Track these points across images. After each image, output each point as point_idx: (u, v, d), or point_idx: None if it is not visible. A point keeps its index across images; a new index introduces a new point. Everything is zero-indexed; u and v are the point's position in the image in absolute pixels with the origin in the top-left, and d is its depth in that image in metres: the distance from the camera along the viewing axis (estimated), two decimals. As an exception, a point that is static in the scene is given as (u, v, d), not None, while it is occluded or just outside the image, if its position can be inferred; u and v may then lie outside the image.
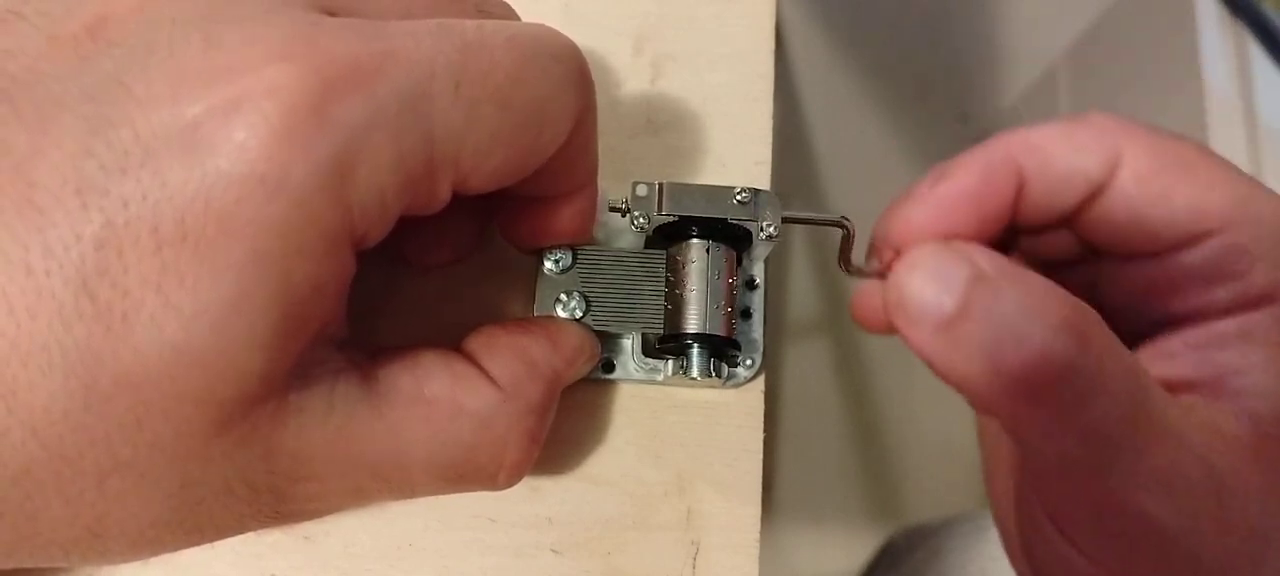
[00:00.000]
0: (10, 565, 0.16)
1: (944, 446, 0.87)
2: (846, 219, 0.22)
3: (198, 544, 0.17)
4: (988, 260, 0.18)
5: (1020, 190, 0.20)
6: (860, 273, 0.22)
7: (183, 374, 0.14)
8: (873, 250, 0.22)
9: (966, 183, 0.20)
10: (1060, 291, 0.17)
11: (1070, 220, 0.20)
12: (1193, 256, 0.19)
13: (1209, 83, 0.57)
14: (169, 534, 0.17)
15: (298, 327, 0.16)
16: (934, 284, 0.18)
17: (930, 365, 0.18)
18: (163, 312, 0.14)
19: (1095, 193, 0.19)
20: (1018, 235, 0.22)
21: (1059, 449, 0.17)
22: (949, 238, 0.19)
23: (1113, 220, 0.19)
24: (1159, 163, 0.19)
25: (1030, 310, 0.17)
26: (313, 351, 0.17)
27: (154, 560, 0.22)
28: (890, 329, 0.20)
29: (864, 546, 0.63)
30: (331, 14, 0.16)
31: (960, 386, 0.18)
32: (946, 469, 0.87)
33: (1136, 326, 0.20)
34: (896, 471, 0.89)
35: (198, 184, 0.14)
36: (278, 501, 0.17)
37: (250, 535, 0.23)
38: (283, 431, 0.16)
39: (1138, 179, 0.19)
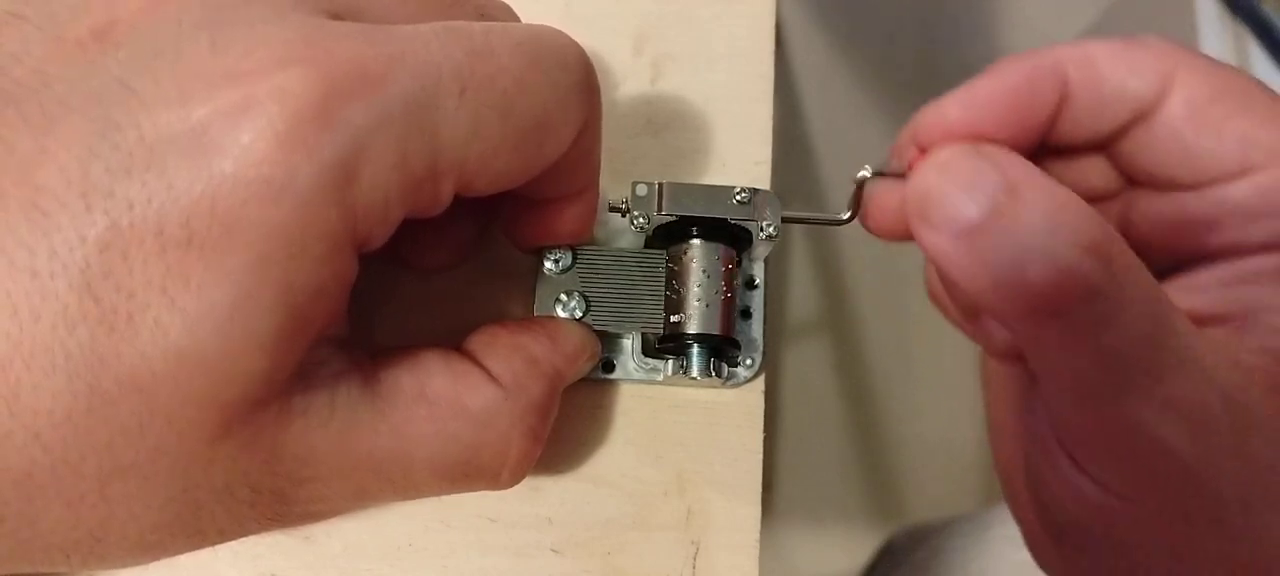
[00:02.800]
0: (11, 569, 0.16)
1: (944, 446, 0.87)
2: (846, 219, 0.22)
3: (200, 547, 0.18)
4: (1018, 169, 0.17)
5: (1063, 102, 0.19)
6: (881, 174, 0.21)
7: (186, 376, 0.14)
8: (898, 149, 0.21)
9: (1008, 83, 0.19)
10: (1088, 209, 0.16)
11: (1109, 144, 0.20)
12: (1236, 190, 0.18)
13: (1209, 82, 0.57)
14: (171, 537, 0.17)
15: (301, 330, 0.16)
16: (960, 188, 0.17)
17: (945, 272, 0.17)
18: (167, 315, 0.14)
19: (1141, 116, 0.19)
20: (1049, 158, 0.21)
21: (1076, 369, 0.17)
22: (980, 140, 0.19)
23: (1156, 147, 0.19)
24: (1211, 91, 0.18)
25: (1056, 226, 0.16)
26: (315, 353, 0.17)
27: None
28: (904, 233, 0.19)
29: (864, 546, 0.63)
30: (337, 17, 0.16)
31: (976, 297, 0.17)
32: (946, 469, 0.87)
33: (1164, 263, 0.20)
34: (896, 471, 0.89)
35: (203, 186, 0.14)
36: (280, 503, 0.17)
37: (250, 535, 0.23)
38: (286, 433, 0.16)
39: (1188, 106, 0.18)
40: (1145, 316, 0.16)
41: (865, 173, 0.21)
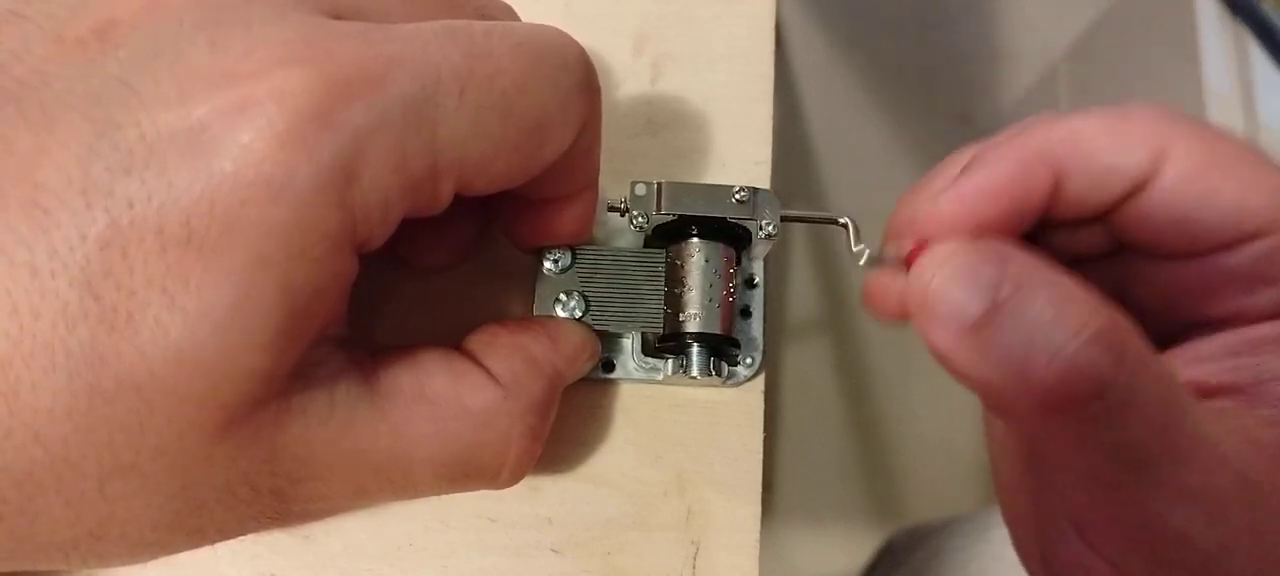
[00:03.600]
0: (10, 567, 0.16)
1: (944, 446, 0.87)
2: (846, 221, 0.22)
3: (199, 546, 0.18)
4: (1020, 262, 0.17)
5: (1057, 185, 0.19)
6: (878, 262, 0.21)
7: (186, 375, 0.14)
8: (893, 235, 0.21)
9: (1001, 174, 0.19)
10: (1095, 299, 0.16)
11: (1106, 216, 0.19)
12: (1235, 259, 0.18)
13: (1209, 83, 0.57)
14: (170, 536, 0.17)
15: (300, 329, 0.16)
16: (963, 285, 0.17)
17: (950, 367, 0.17)
18: (167, 314, 0.14)
19: (1136, 189, 0.18)
20: (1047, 229, 0.21)
21: (1086, 463, 0.16)
22: (979, 232, 0.19)
23: (1153, 218, 0.18)
24: (1205, 160, 0.18)
25: (1063, 320, 0.16)
26: (315, 352, 0.17)
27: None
28: (903, 319, 0.19)
29: (864, 546, 0.63)
30: (338, 17, 0.16)
31: (983, 393, 0.17)
32: (946, 469, 0.87)
33: (1167, 327, 0.19)
34: (896, 471, 0.89)
35: (203, 185, 0.14)
36: (280, 502, 0.17)
37: (249, 534, 0.23)
38: (285, 432, 0.16)
39: (1183, 177, 0.18)
40: (1157, 406, 0.16)
41: (863, 258, 0.21)
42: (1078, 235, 0.21)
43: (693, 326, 0.22)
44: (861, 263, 0.21)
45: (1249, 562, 0.16)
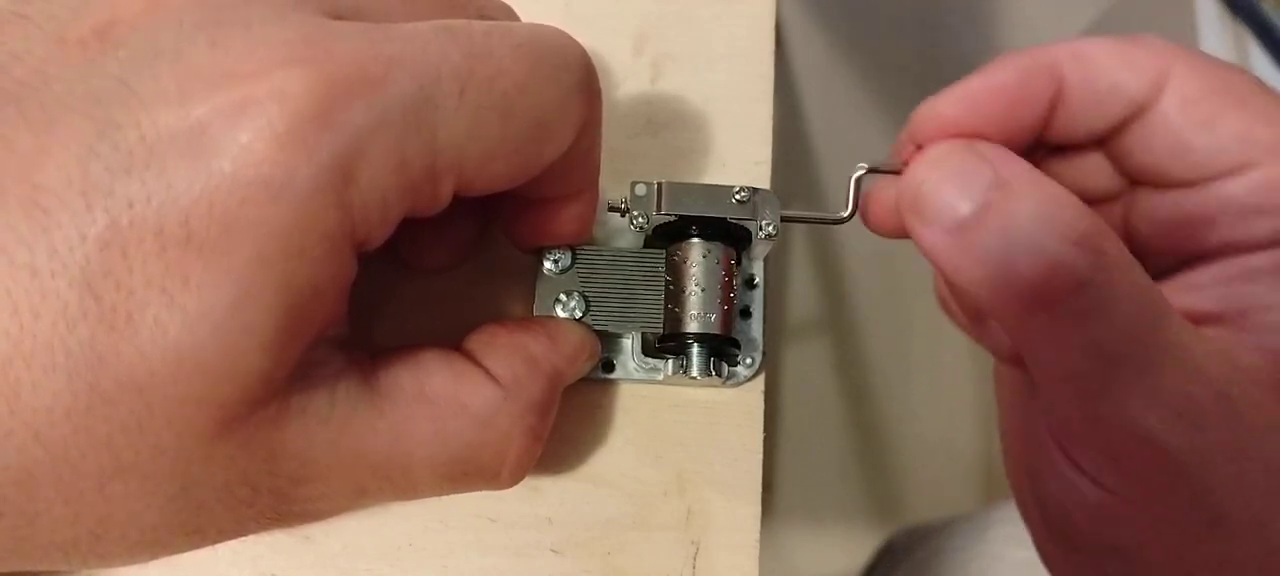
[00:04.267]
0: (10, 568, 0.16)
1: (944, 446, 0.87)
2: (845, 218, 0.22)
3: (199, 546, 0.18)
4: (1009, 165, 0.17)
5: (1057, 100, 0.19)
6: (877, 170, 0.21)
7: (185, 375, 0.14)
8: (897, 148, 0.21)
9: (1002, 80, 0.19)
10: (1078, 203, 0.17)
11: (1106, 141, 0.20)
12: (1232, 187, 0.18)
13: (1209, 83, 0.57)
14: (170, 536, 0.17)
15: (299, 329, 0.16)
16: (952, 184, 0.17)
17: (939, 267, 0.18)
18: (166, 314, 0.14)
19: (1136, 113, 0.19)
20: (1047, 157, 0.21)
21: (1065, 362, 0.17)
22: (974, 136, 0.19)
23: (1153, 144, 0.19)
24: (1206, 88, 0.18)
25: (1046, 220, 0.16)
26: (314, 352, 0.17)
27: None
28: (901, 230, 0.19)
29: (864, 546, 0.63)
30: (338, 17, 0.16)
31: (968, 290, 0.17)
32: (946, 469, 0.87)
33: (1164, 264, 0.20)
34: (896, 471, 0.89)
35: (202, 185, 0.14)
36: (280, 503, 0.17)
37: (250, 535, 0.23)
38: (285, 433, 0.16)
39: (1184, 102, 0.18)
40: (1135, 310, 0.16)
41: (861, 169, 0.21)
42: (1081, 167, 0.21)
43: (693, 326, 0.22)
44: (857, 172, 0.21)
45: (1232, 486, 0.17)
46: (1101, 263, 0.16)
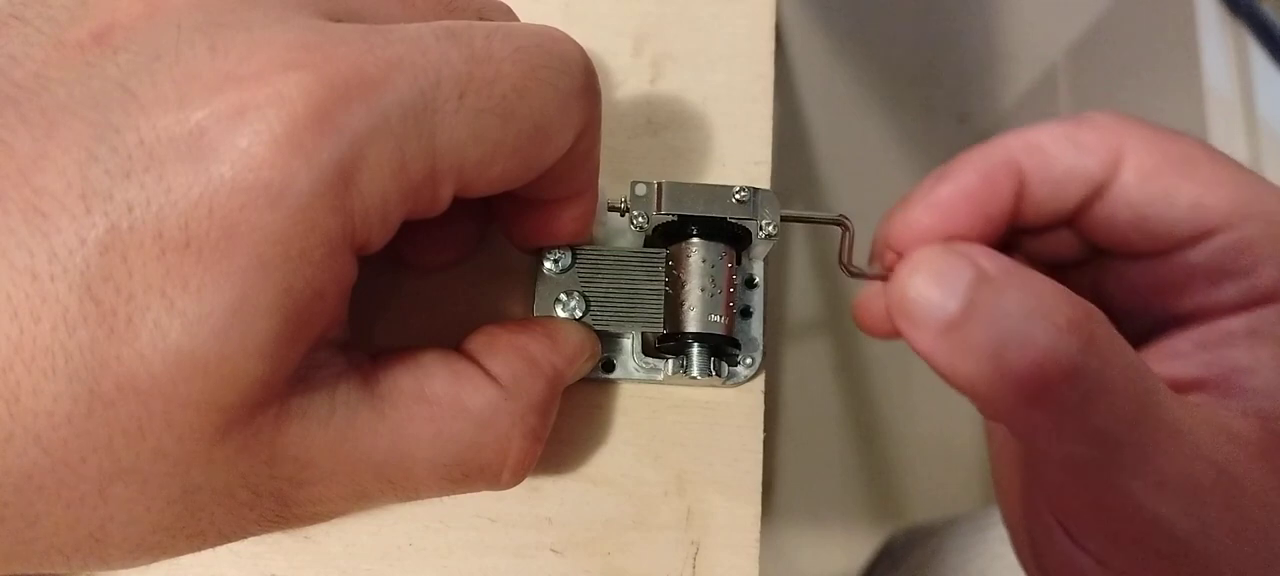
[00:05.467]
0: (11, 571, 0.16)
1: (944, 446, 0.87)
2: (845, 217, 0.22)
3: (200, 549, 0.17)
4: (990, 260, 0.18)
5: (1021, 191, 0.20)
6: (862, 275, 0.22)
7: (185, 379, 0.14)
8: (875, 253, 0.22)
9: (966, 183, 0.20)
10: (1064, 291, 0.17)
11: (1073, 220, 0.20)
12: (1198, 254, 0.19)
13: (1209, 83, 0.57)
14: (171, 539, 0.17)
15: (299, 333, 0.16)
16: (937, 286, 0.18)
17: (934, 367, 0.18)
18: (166, 317, 0.14)
19: (1097, 192, 0.19)
20: (1020, 236, 0.22)
21: (1065, 451, 0.17)
22: (951, 240, 0.19)
23: (1116, 219, 0.19)
24: (1161, 161, 0.19)
25: (1034, 311, 0.16)
26: (314, 355, 0.17)
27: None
28: (893, 333, 0.20)
29: (864, 546, 0.63)
30: (337, 20, 0.16)
31: (965, 389, 0.18)
32: (946, 469, 0.87)
33: (1142, 326, 0.20)
34: (896, 471, 0.89)
35: (202, 189, 0.14)
36: (281, 505, 0.17)
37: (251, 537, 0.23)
38: (285, 436, 0.16)
39: (1140, 178, 0.19)
40: (1129, 392, 0.16)
41: (846, 271, 0.22)
42: (1050, 241, 0.22)
43: (693, 326, 0.22)
44: (855, 275, 0.22)
45: (1230, 557, 0.17)
46: (1093, 346, 0.16)
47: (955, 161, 0.20)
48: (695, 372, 0.23)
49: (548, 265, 0.23)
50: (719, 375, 0.23)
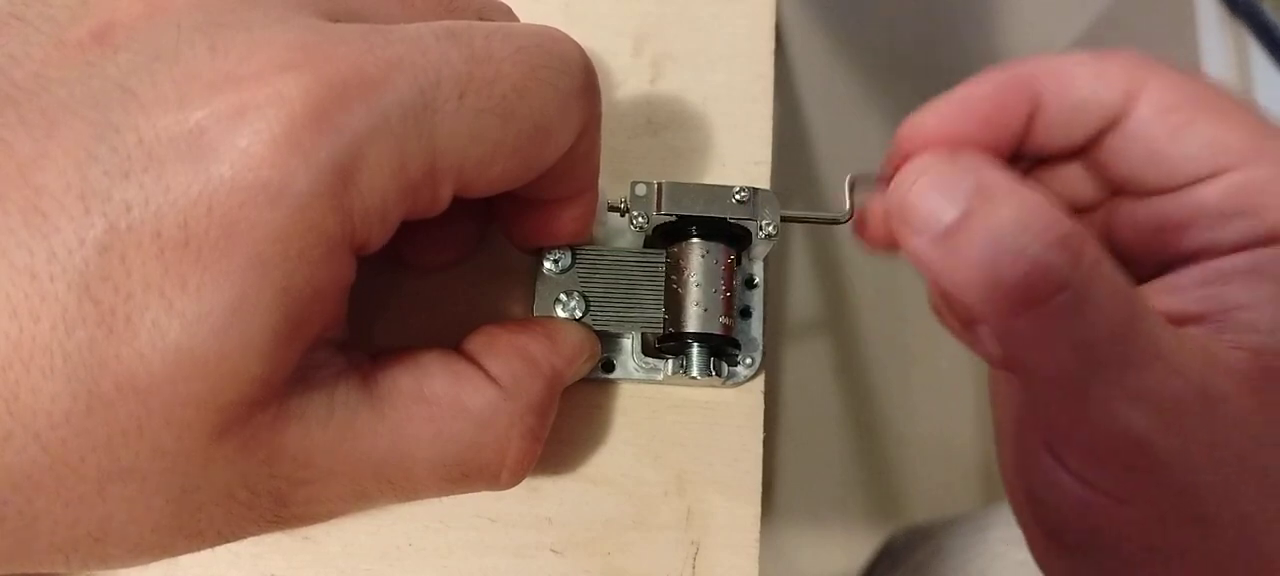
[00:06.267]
0: (10, 570, 0.16)
1: (944, 446, 0.87)
2: (845, 217, 0.22)
3: (199, 548, 0.17)
4: (991, 172, 0.18)
5: (1036, 112, 0.20)
6: (866, 182, 0.22)
7: (184, 378, 0.14)
8: (885, 163, 0.22)
9: (981, 94, 0.20)
10: (1057, 209, 0.17)
11: (1085, 151, 0.20)
12: (1208, 191, 0.19)
13: (1209, 82, 0.57)
14: (170, 538, 0.17)
15: (298, 332, 0.16)
16: (937, 193, 0.18)
17: (928, 273, 0.18)
18: (165, 317, 0.14)
19: (1111, 123, 0.19)
20: (1029, 168, 0.22)
21: (1050, 362, 0.17)
22: (958, 147, 0.20)
23: (1129, 153, 0.19)
24: (1179, 97, 0.19)
25: (1027, 224, 0.17)
26: (313, 355, 0.17)
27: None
28: (891, 243, 0.20)
29: (864, 546, 0.63)
30: (337, 20, 0.16)
31: (956, 294, 0.18)
32: (946, 469, 0.87)
33: (1149, 269, 0.20)
34: (896, 471, 0.89)
35: (201, 189, 0.14)
36: (279, 505, 0.17)
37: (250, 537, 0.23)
38: (284, 435, 0.16)
39: (1157, 112, 0.19)
40: (1114, 309, 0.17)
41: (851, 177, 0.22)
42: (1060, 178, 0.22)
43: (692, 326, 0.22)
44: (849, 178, 0.22)
45: (1213, 482, 0.17)
46: (1080, 263, 0.17)
47: (976, 74, 0.20)
48: (695, 373, 0.23)
49: (548, 265, 0.23)
50: (719, 375, 0.23)
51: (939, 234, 0.18)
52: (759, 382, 0.24)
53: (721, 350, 0.23)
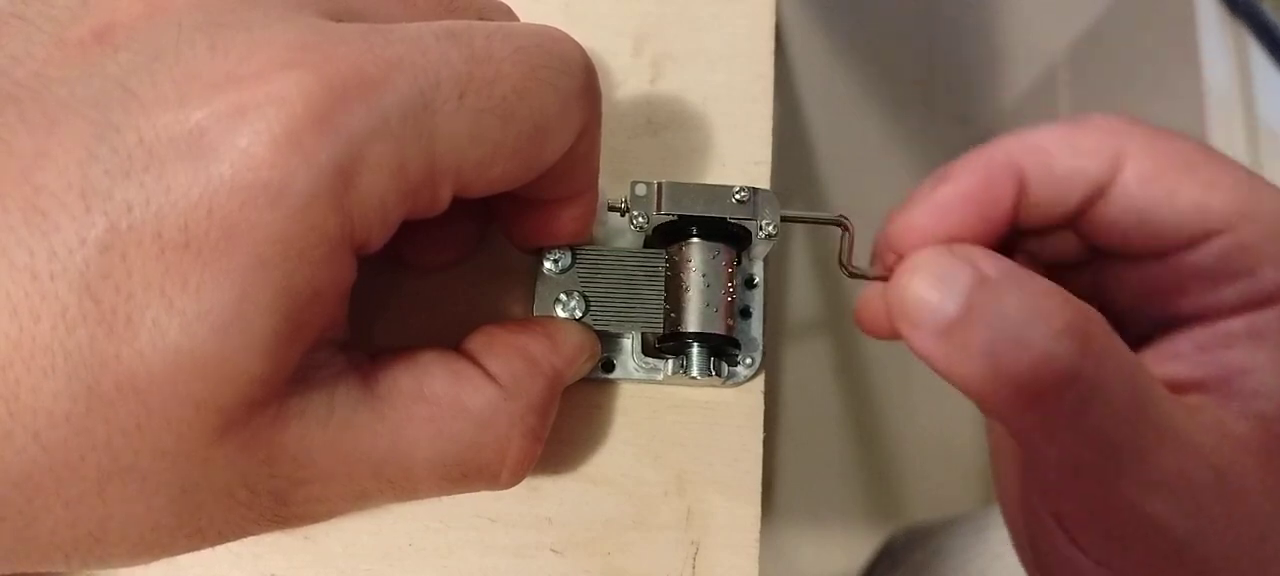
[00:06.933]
0: (10, 569, 0.16)
1: (944, 446, 0.87)
2: (845, 218, 0.22)
3: (199, 548, 0.17)
4: (990, 262, 0.18)
5: (1022, 192, 0.20)
6: (862, 275, 0.22)
7: (184, 377, 0.14)
8: (876, 255, 0.22)
9: (967, 185, 0.20)
10: (1062, 293, 0.17)
11: (1073, 222, 0.20)
12: (1198, 256, 0.19)
13: (1209, 83, 0.57)
14: (170, 538, 0.17)
15: (299, 332, 0.16)
16: (936, 287, 0.18)
17: (934, 368, 0.18)
18: (165, 316, 0.14)
19: (1097, 194, 0.19)
20: (1021, 237, 0.22)
21: (1062, 452, 0.17)
22: (951, 241, 0.19)
23: (1116, 221, 0.19)
24: (1161, 163, 0.19)
25: (1032, 313, 0.17)
26: (314, 354, 0.17)
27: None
28: (894, 333, 0.20)
29: (864, 546, 0.63)
30: (338, 20, 0.16)
31: (964, 389, 0.18)
32: (946, 469, 0.87)
33: (1143, 328, 0.20)
34: (896, 471, 0.89)
35: (201, 189, 0.14)
36: (279, 505, 0.17)
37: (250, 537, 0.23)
38: (284, 435, 0.16)
39: (1140, 179, 0.19)
40: (1126, 394, 0.16)
41: (846, 272, 0.22)
42: (1051, 242, 0.22)
43: (692, 326, 0.22)
44: (855, 275, 0.22)
45: (1228, 558, 0.17)
46: (1089, 349, 0.16)
47: (956, 163, 0.20)
48: (695, 373, 0.23)
49: (548, 265, 0.23)
50: (719, 375, 0.23)
51: (942, 328, 0.17)
52: (759, 382, 0.24)
53: (721, 350, 0.23)
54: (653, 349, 0.24)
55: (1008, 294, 0.17)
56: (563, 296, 0.23)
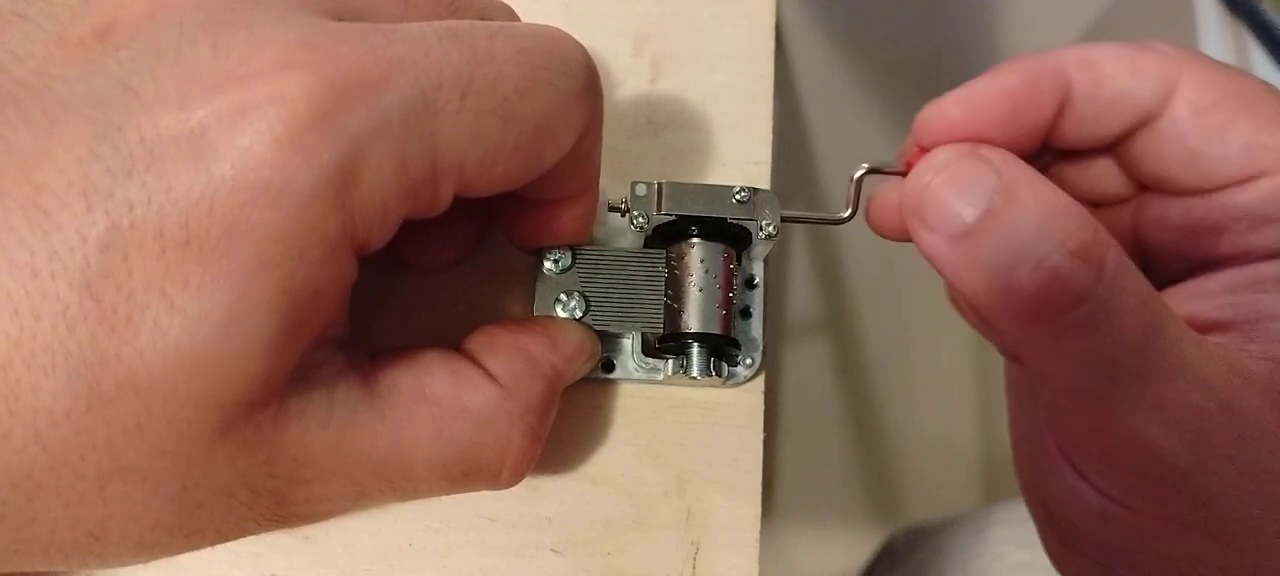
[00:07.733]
0: (10, 569, 0.16)
1: (944, 446, 0.87)
2: (846, 219, 0.22)
3: (199, 547, 0.18)
4: (1013, 171, 0.17)
5: (1065, 105, 0.19)
6: (881, 170, 0.21)
7: (185, 377, 0.14)
8: (902, 150, 0.21)
9: (1008, 83, 0.19)
10: (1080, 212, 0.17)
11: (1115, 148, 0.20)
12: (1243, 196, 0.18)
13: (1209, 82, 0.57)
14: (170, 537, 0.17)
15: (299, 332, 0.16)
16: (956, 190, 0.17)
17: (940, 272, 0.18)
18: (166, 315, 0.14)
19: (1145, 120, 0.19)
20: (1057, 161, 0.21)
21: (1066, 373, 0.17)
22: (979, 140, 0.19)
23: (1162, 152, 0.19)
24: (1217, 96, 0.18)
25: (1048, 230, 0.16)
26: (314, 354, 0.17)
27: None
28: (903, 232, 0.19)
29: (864, 546, 0.63)
30: (339, 19, 0.16)
31: (968, 299, 0.17)
32: (946, 469, 0.87)
33: (1177, 269, 0.20)
34: (896, 471, 0.89)
35: (203, 188, 0.14)
36: (279, 504, 0.17)
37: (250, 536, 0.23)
38: (284, 434, 0.16)
39: (1194, 110, 0.18)
40: (1136, 321, 0.16)
41: (862, 169, 0.21)
42: (1088, 173, 0.21)
43: (692, 326, 0.22)
44: (859, 173, 0.21)
45: (1234, 495, 0.17)
46: (1102, 274, 0.16)
47: (1004, 62, 0.19)
48: (695, 373, 0.23)
49: (548, 265, 0.23)
50: (719, 375, 0.23)
51: (955, 234, 0.17)
52: (759, 382, 0.24)
53: (721, 350, 0.23)
54: (653, 349, 0.24)
55: (1026, 206, 0.16)
56: (563, 296, 0.23)
